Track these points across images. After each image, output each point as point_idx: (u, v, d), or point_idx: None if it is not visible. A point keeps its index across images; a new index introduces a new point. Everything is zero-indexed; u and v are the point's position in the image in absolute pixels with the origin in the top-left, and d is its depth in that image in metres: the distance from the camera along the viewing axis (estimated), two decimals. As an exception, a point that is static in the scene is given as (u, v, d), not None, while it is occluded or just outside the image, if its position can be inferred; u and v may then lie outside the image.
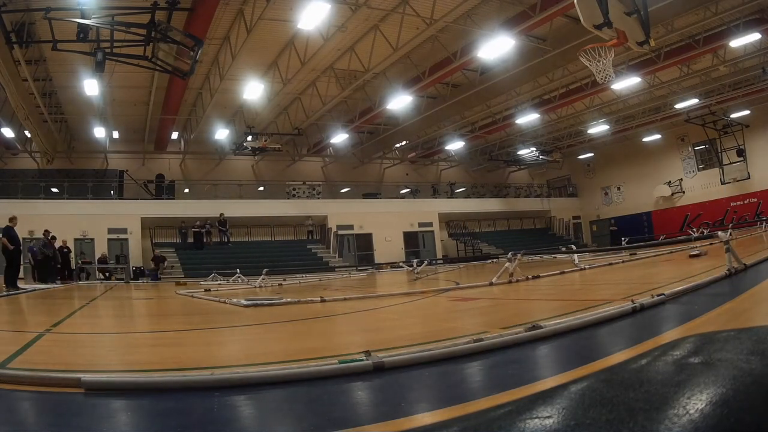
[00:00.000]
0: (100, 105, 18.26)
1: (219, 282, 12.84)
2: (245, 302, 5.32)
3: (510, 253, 6.93)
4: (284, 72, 16.54)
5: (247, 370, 1.81)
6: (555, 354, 2.09)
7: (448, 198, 28.54)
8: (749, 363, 0.87)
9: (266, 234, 24.03)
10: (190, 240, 21.67)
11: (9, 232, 10.30)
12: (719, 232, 4.50)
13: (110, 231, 20.15)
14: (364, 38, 15.62)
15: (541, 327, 2.25)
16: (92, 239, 19.66)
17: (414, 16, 13.77)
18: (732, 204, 24.19)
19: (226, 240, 22.24)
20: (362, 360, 1.79)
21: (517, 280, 6.41)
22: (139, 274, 19.31)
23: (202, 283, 12.22)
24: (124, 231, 20.51)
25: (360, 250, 24.39)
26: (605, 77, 9.20)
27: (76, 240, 19.23)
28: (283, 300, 5.50)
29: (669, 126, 25.87)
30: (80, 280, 16.97)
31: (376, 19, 14.65)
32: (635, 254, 10.38)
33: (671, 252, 10.19)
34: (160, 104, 19.42)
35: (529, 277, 6.66)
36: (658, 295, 2.98)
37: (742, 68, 19.46)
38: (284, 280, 12.17)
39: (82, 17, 10.52)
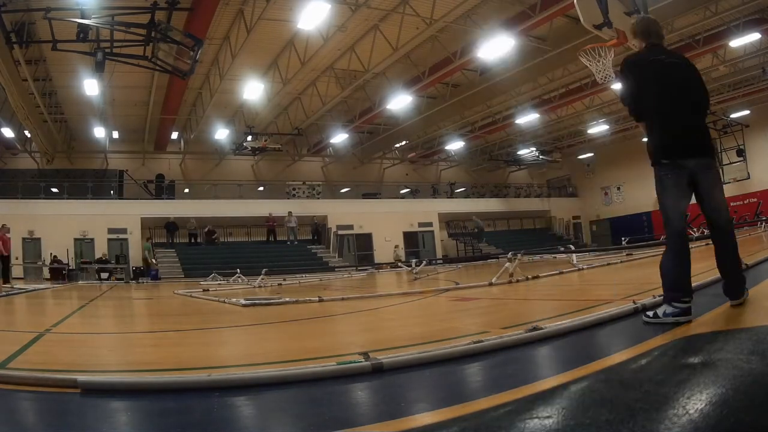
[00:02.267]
0: (100, 105, 18.25)
1: (219, 282, 12.83)
2: (244, 302, 5.31)
3: (510, 253, 6.92)
4: (284, 72, 16.52)
5: (245, 371, 1.80)
6: (557, 355, 2.09)
7: (448, 198, 28.52)
8: (749, 363, 0.87)
9: (266, 234, 24.00)
10: (200, 240, 21.77)
11: None
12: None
13: (110, 231, 20.12)
14: (364, 38, 15.61)
15: (541, 328, 2.24)
16: (92, 239, 19.64)
17: (414, 16, 13.75)
18: (732, 204, 24.12)
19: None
20: (361, 361, 1.79)
21: (517, 281, 6.40)
22: (139, 274, 19.30)
23: (202, 282, 12.21)
24: (124, 231, 20.48)
25: (360, 250, 24.37)
26: (605, 77, 9.17)
27: (76, 240, 19.23)
28: (282, 300, 5.49)
29: (669, 126, 25.81)
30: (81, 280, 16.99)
31: (376, 19, 14.64)
32: (631, 254, 10.38)
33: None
34: (160, 104, 19.40)
35: (529, 277, 6.65)
36: (659, 296, 2.97)
37: (742, 68, 19.44)
38: (284, 280, 12.16)
39: (82, 17, 10.51)
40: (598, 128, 25.65)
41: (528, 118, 22.59)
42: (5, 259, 12.76)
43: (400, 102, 18.33)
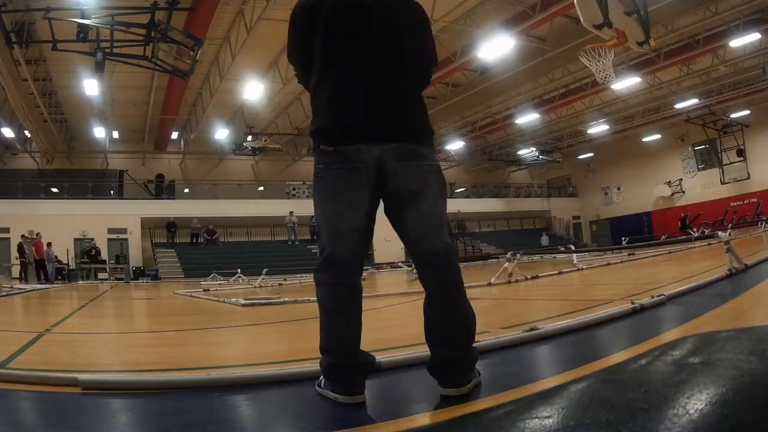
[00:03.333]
0: (100, 105, 18.25)
1: (219, 282, 12.82)
2: (243, 302, 5.32)
3: (509, 253, 6.92)
4: (284, 72, 16.51)
5: (244, 370, 1.81)
6: (554, 355, 2.09)
7: (449, 198, 28.48)
8: (749, 363, 0.87)
9: (266, 234, 24.00)
10: (201, 240, 21.81)
11: None
12: (719, 233, 4.49)
13: (110, 231, 20.12)
14: (365, 38, 15.60)
15: (538, 329, 2.24)
16: (92, 239, 19.64)
17: (414, 16, 13.74)
18: (732, 204, 24.16)
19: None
20: None
21: (516, 281, 6.40)
22: (139, 274, 19.31)
23: (202, 283, 12.20)
24: (124, 231, 20.49)
25: (360, 250, 24.35)
26: (605, 77, 9.21)
27: (76, 240, 19.23)
28: (281, 300, 5.50)
29: (669, 126, 25.85)
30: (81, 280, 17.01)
31: (376, 19, 14.63)
32: (633, 254, 10.38)
33: (669, 252, 10.20)
34: (160, 104, 19.40)
35: (528, 277, 6.65)
36: (658, 296, 2.98)
37: (742, 68, 19.44)
38: (285, 279, 12.16)
39: (82, 17, 10.52)
40: (598, 128, 25.65)
41: (528, 118, 22.59)
42: (39, 262, 15.20)
43: (400, 102, 18.30)
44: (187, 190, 24.67)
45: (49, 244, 16.48)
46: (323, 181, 1.62)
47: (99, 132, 20.70)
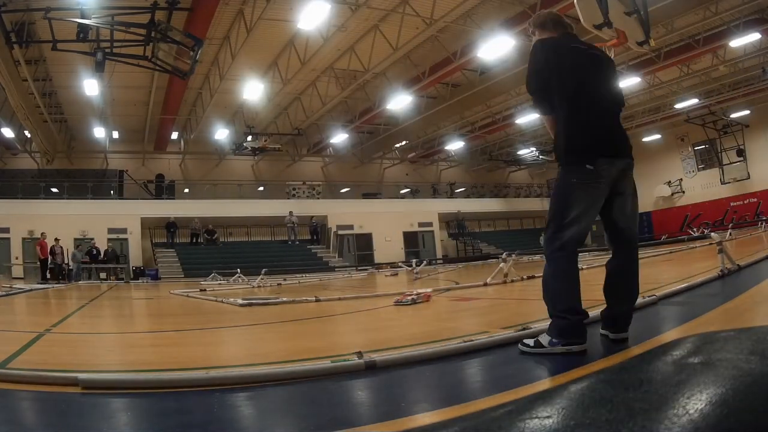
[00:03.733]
0: (100, 105, 18.24)
1: (219, 282, 12.82)
2: (241, 302, 5.32)
3: (504, 254, 6.92)
4: (284, 72, 16.52)
5: (242, 369, 1.81)
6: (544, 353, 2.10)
7: (448, 198, 28.52)
8: (749, 363, 0.87)
9: (266, 234, 24.00)
10: (201, 240, 21.80)
11: None
12: (713, 234, 4.51)
13: (110, 231, 20.12)
14: (364, 38, 15.61)
15: (530, 328, 2.29)
16: (92, 239, 19.65)
17: (414, 16, 13.75)
18: (732, 204, 24.16)
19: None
20: (354, 359, 1.80)
21: (512, 281, 6.40)
22: (139, 274, 19.31)
23: (202, 283, 12.20)
24: (124, 231, 20.48)
25: (360, 250, 24.37)
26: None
27: (76, 240, 19.23)
28: (279, 300, 5.50)
29: (669, 126, 25.85)
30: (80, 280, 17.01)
31: (376, 19, 14.64)
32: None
33: (671, 252, 10.20)
34: (160, 104, 19.39)
35: (524, 277, 6.64)
36: (649, 296, 3.00)
37: (742, 68, 19.44)
38: (284, 279, 12.16)
39: (82, 17, 10.51)
40: (598, 128, 25.61)
41: (528, 118, 22.57)
42: (43, 261, 15.69)
43: (400, 102, 18.33)
44: (187, 190, 24.67)
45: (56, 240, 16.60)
46: None
47: (99, 132, 20.69)
